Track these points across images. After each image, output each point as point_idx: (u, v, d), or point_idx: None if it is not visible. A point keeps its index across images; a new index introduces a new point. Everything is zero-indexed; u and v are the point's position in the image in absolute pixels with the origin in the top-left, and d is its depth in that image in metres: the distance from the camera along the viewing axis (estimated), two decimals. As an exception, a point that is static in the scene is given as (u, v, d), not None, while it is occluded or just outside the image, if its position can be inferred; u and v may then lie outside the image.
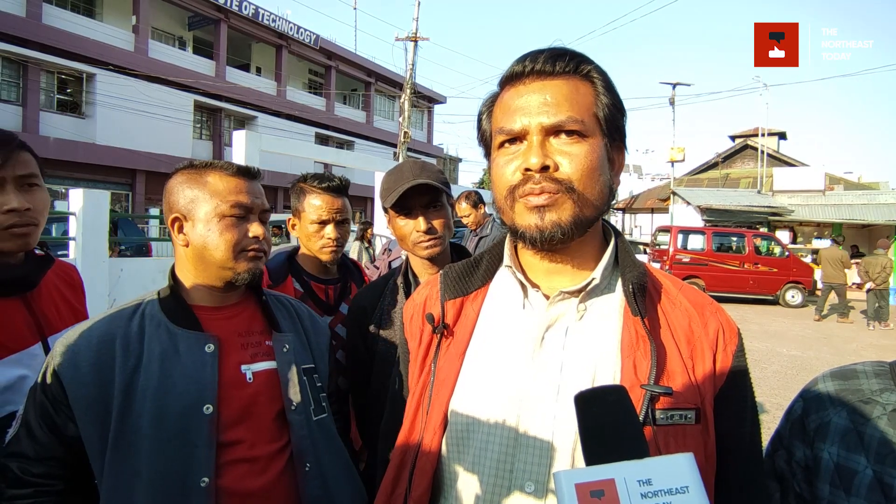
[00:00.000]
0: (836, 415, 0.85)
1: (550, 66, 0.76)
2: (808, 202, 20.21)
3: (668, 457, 0.50)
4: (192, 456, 0.98)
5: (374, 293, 1.52)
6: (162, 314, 1.07)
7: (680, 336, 0.78)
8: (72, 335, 1.03)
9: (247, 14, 21.39)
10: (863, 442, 0.81)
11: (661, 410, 0.72)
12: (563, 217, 0.74)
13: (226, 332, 1.10)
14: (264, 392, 1.09)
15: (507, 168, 0.77)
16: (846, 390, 0.87)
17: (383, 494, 0.86)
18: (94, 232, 6.95)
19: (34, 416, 0.99)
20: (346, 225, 1.80)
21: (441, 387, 0.83)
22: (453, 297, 0.88)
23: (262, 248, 1.11)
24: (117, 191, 17.23)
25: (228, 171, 1.11)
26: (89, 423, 0.98)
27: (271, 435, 1.08)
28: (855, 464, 0.81)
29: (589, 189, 0.75)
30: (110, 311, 1.08)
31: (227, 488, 1.00)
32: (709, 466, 0.75)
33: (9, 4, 15.21)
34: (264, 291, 1.21)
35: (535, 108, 0.75)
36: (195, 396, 1.01)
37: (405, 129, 17.62)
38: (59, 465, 0.99)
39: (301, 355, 1.18)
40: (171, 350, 1.03)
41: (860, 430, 0.82)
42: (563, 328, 0.79)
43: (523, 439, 0.75)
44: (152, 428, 0.98)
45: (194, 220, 1.08)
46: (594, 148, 0.76)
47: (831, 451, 0.84)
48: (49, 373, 1.00)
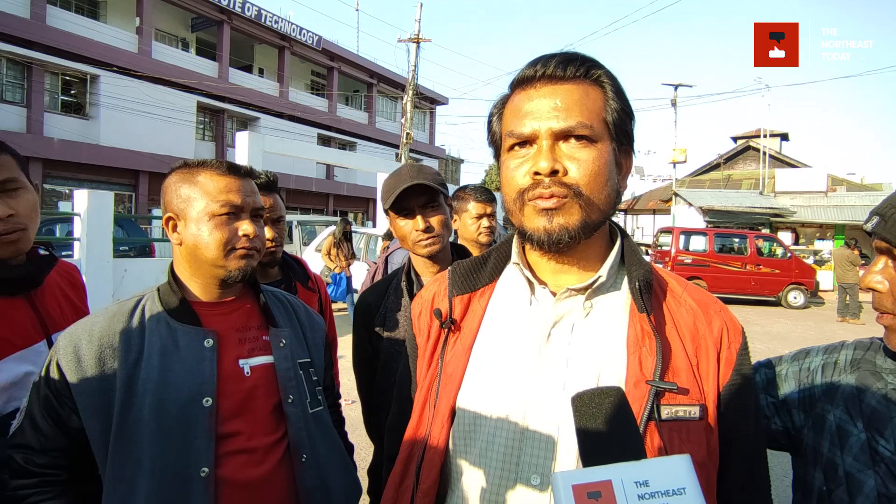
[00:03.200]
0: (847, 380, 0.94)
1: (561, 71, 0.77)
2: (811, 203, 20.14)
3: (665, 458, 0.51)
4: (191, 447, 1.01)
5: (378, 292, 1.55)
6: (162, 310, 1.09)
7: (685, 334, 0.79)
8: (75, 330, 1.05)
9: (249, 16, 21.42)
10: (861, 409, 0.89)
11: (666, 406, 0.73)
12: (571, 221, 0.75)
13: (224, 328, 1.12)
14: (261, 385, 1.12)
15: (517, 171, 0.78)
16: (863, 360, 0.95)
17: (391, 488, 0.88)
18: (99, 232, 6.98)
19: (38, 408, 1.02)
20: (280, 223, 1.74)
21: (448, 381, 0.84)
22: (461, 294, 0.89)
23: (253, 246, 1.13)
24: (121, 192, 17.27)
25: (219, 171, 1.12)
26: (92, 416, 1.00)
27: (268, 427, 1.11)
28: (851, 426, 0.89)
29: (596, 193, 0.76)
30: (111, 307, 1.11)
31: (225, 478, 1.03)
32: (711, 462, 0.76)
33: (13, 6, 15.26)
34: (262, 287, 1.24)
35: (545, 112, 0.76)
36: (195, 390, 1.04)
37: (407, 131, 17.62)
38: (62, 456, 1.02)
39: (297, 350, 1.21)
40: (171, 345, 1.06)
41: (861, 398, 0.90)
42: (569, 325, 0.80)
43: (529, 433, 0.76)
44: (153, 420, 1.00)
45: (187, 220, 1.10)
46: (602, 153, 0.76)
47: (835, 413, 0.92)
48: (53, 366, 1.02)
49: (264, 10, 22.02)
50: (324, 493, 1.14)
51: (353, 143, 26.89)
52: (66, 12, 17.31)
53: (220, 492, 1.02)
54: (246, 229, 1.11)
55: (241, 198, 1.12)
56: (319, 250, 10.31)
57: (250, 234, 1.11)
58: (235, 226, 1.11)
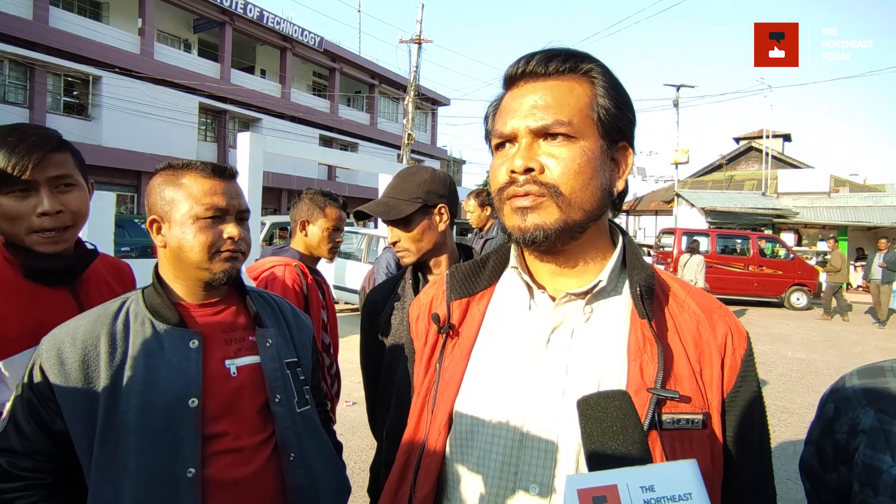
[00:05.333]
0: (864, 414, 0.85)
1: (543, 68, 0.76)
2: (813, 204, 20.10)
3: (671, 463, 0.50)
4: (178, 448, 1.01)
5: (385, 290, 1.58)
6: (146, 311, 1.09)
7: (688, 340, 0.77)
8: (58, 333, 1.05)
9: (251, 17, 21.47)
10: (888, 441, 0.81)
11: (668, 414, 0.71)
12: (547, 220, 0.74)
13: (209, 328, 1.13)
14: (248, 386, 1.12)
15: (499, 170, 0.78)
16: (873, 389, 0.87)
17: (388, 494, 0.87)
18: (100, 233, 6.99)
19: (21, 411, 1.01)
20: None
21: (446, 387, 0.83)
22: (459, 298, 0.88)
23: (238, 248, 1.13)
24: (122, 192, 17.32)
25: (204, 173, 1.12)
26: (76, 419, 1.00)
27: (255, 427, 1.11)
28: (880, 462, 0.80)
29: (577, 192, 0.74)
30: (95, 310, 1.10)
31: (213, 478, 1.03)
32: (715, 471, 0.74)
33: (16, 7, 15.32)
34: (248, 288, 1.24)
35: (524, 110, 0.75)
36: (180, 391, 1.03)
37: (409, 131, 17.64)
38: (47, 460, 1.01)
39: (284, 350, 1.21)
40: (155, 346, 1.06)
41: (886, 429, 0.82)
42: (568, 330, 0.78)
43: (528, 441, 0.75)
44: (139, 422, 1.00)
45: (171, 222, 1.10)
46: (584, 150, 0.75)
47: (861, 451, 0.84)
48: (36, 369, 1.02)
49: (266, 11, 22.07)
50: (312, 492, 1.14)
51: (355, 143, 26.93)
52: (68, 13, 17.38)
53: (207, 492, 1.02)
54: (231, 232, 1.11)
55: (225, 200, 1.11)
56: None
57: (235, 236, 1.11)
58: (220, 228, 1.11)
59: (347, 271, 9.63)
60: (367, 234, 10.26)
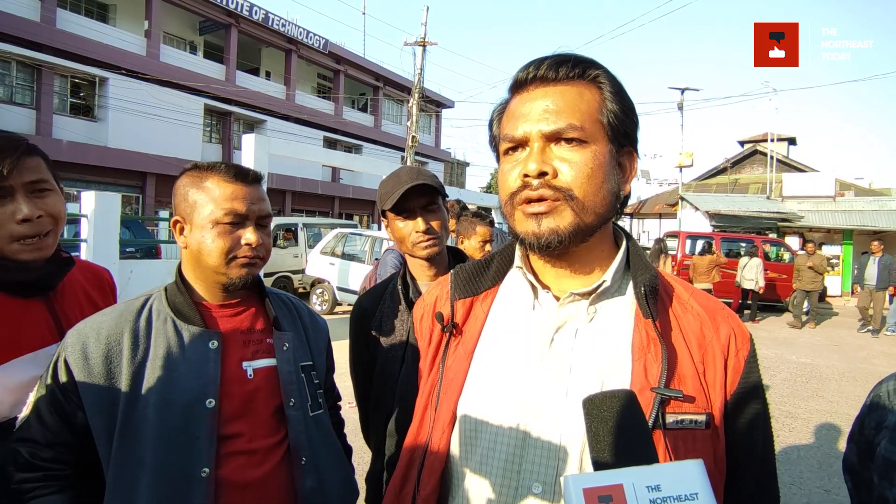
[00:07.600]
0: (891, 412, 0.93)
1: (553, 73, 0.77)
2: (818, 208, 20.00)
3: (677, 463, 0.50)
4: (193, 447, 1.02)
5: (374, 296, 1.54)
6: (169, 310, 1.10)
7: (691, 340, 0.77)
8: (83, 328, 1.07)
9: (257, 19, 21.57)
10: None
11: (672, 414, 0.72)
12: (562, 224, 0.74)
13: (229, 330, 1.14)
14: (264, 388, 1.13)
15: (509, 175, 0.78)
16: None
17: (392, 493, 0.87)
18: (105, 234, 7.02)
19: (45, 402, 1.03)
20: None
21: (449, 386, 0.83)
22: (463, 297, 0.89)
23: (256, 255, 1.13)
24: (128, 193, 17.39)
25: (227, 177, 1.12)
26: (97, 412, 1.02)
27: (269, 429, 1.12)
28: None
29: (590, 196, 0.75)
30: (118, 306, 1.12)
31: (226, 478, 1.04)
32: (718, 472, 0.75)
33: (23, 9, 15.44)
34: (267, 290, 1.25)
35: (536, 115, 0.76)
36: (198, 391, 1.05)
37: (413, 134, 17.65)
38: (67, 451, 1.03)
39: (300, 353, 1.22)
40: (176, 345, 1.07)
41: None
42: (572, 330, 0.79)
43: (531, 440, 0.75)
44: (157, 419, 1.02)
45: (192, 224, 1.11)
46: (596, 155, 0.75)
47: (882, 445, 0.90)
48: (61, 363, 1.04)
49: (271, 13, 22.17)
50: (322, 494, 1.15)
51: (359, 145, 26.97)
52: (75, 15, 17.50)
53: (219, 492, 1.03)
54: (249, 238, 1.11)
55: (245, 206, 1.11)
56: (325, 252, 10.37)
57: (253, 243, 1.11)
58: (238, 234, 1.11)
59: (351, 273, 9.65)
60: (370, 235, 10.28)
